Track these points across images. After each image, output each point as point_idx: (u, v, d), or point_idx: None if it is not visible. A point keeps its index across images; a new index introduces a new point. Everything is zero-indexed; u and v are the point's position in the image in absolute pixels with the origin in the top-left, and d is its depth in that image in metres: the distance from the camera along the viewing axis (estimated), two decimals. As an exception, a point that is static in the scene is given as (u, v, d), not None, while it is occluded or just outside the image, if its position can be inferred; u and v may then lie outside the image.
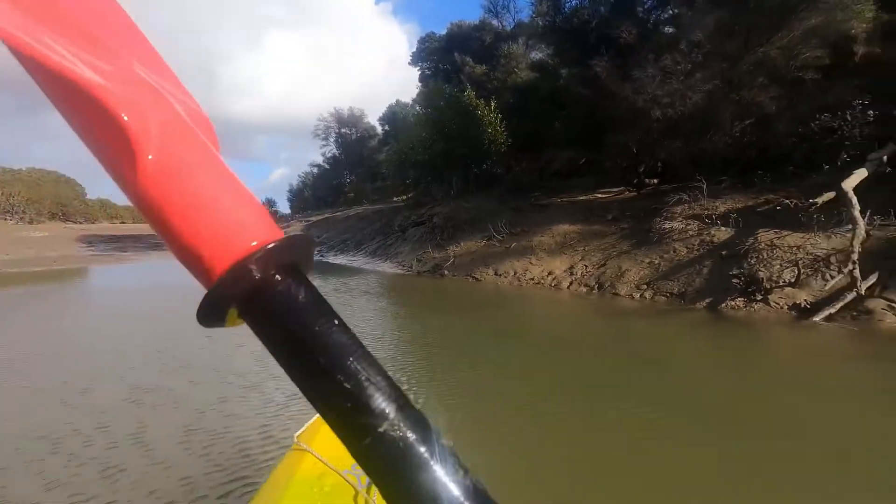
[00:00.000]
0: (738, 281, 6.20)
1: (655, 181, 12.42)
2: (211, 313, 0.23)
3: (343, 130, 44.78)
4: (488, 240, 10.76)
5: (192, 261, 0.23)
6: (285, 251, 0.24)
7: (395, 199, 33.39)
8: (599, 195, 12.67)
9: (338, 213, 25.10)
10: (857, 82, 8.83)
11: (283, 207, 63.95)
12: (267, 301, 0.23)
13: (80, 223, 52.14)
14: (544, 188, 14.59)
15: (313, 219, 27.49)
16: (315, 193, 49.54)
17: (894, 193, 6.28)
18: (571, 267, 8.39)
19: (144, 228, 45.79)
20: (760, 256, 6.42)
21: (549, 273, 8.44)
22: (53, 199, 53.99)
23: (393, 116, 39.83)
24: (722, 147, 9.33)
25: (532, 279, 8.47)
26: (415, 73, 29.86)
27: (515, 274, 8.78)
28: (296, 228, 26.02)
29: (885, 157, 6.80)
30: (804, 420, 2.90)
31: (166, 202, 0.23)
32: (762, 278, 6.07)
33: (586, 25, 10.72)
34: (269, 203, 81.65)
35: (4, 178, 51.31)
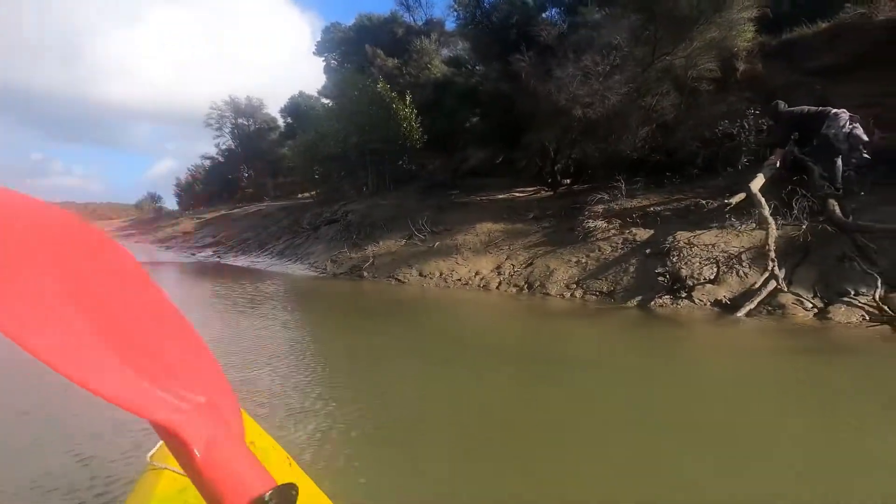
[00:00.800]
0: (663, 279, 6.33)
1: (568, 181, 12.77)
2: None
3: (240, 121, 41.29)
4: (409, 239, 10.22)
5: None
6: (275, 497, 0.42)
7: (299, 195, 31.57)
8: (517, 194, 12.72)
9: (236, 210, 22.93)
10: (748, 94, 9.70)
11: (170, 203, 58.09)
12: None
13: None
14: (459, 187, 14.39)
15: (207, 216, 24.88)
16: (207, 188, 45.34)
17: (790, 195, 6.82)
18: (499, 266, 8.15)
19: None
20: (681, 255, 6.63)
21: (477, 273, 8.13)
22: None
23: (296, 108, 37.63)
24: (633, 149, 9.71)
25: (459, 280, 8.09)
26: (318, 64, 28.28)
27: (441, 275, 8.35)
28: (186, 226, 23.36)
29: (777, 163, 7.39)
30: (737, 414, 2.82)
31: (209, 481, 0.42)
32: (685, 276, 6.25)
33: (507, 21, 10.61)
34: (153, 198, 73.80)
35: None
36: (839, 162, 6.60)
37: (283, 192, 34.79)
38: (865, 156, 6.39)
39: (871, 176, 6.68)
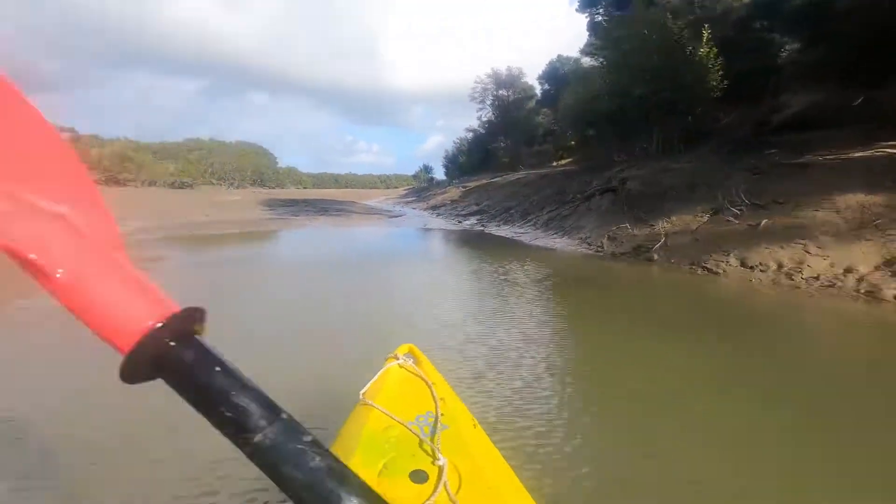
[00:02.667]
0: None
1: None
2: (129, 378, 0.32)
3: (500, 92, 42.74)
4: (714, 214, 7.76)
5: (110, 341, 0.31)
6: (174, 323, 0.32)
7: (554, 163, 30.84)
8: (889, 150, 8.52)
9: (497, 179, 23.33)
10: None
11: (440, 174, 65.84)
12: (167, 363, 0.32)
13: (272, 188, 60.23)
14: (774, 145, 10.65)
15: (471, 185, 26.24)
16: (470, 159, 49.20)
17: None
18: (890, 261, 5.18)
19: (319, 193, 50.40)
20: None
21: (848, 270, 5.33)
22: (254, 168, 63.38)
23: (554, 73, 36.78)
24: None
25: (815, 278, 5.46)
26: (576, 25, 26.29)
27: (781, 268, 5.83)
28: (453, 194, 25.12)
29: None
30: None
31: (80, 303, 0.31)
32: None
33: None
34: (426, 169, 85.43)
35: (218, 148, 61.48)
36: None
37: (537, 160, 34.71)
38: None
39: None
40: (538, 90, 40.22)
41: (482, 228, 14.06)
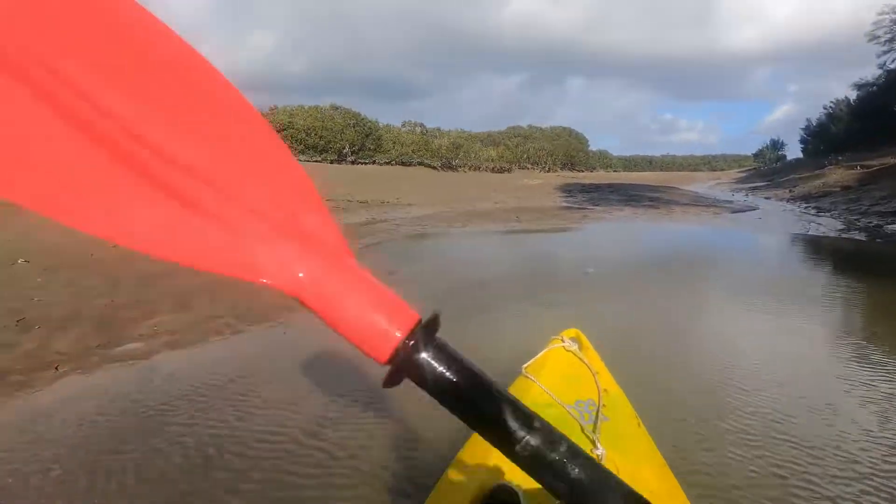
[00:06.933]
0: None
1: None
2: (388, 384, 0.34)
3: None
4: None
5: (368, 354, 0.34)
6: (420, 331, 0.34)
7: None
8: None
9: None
10: None
11: (794, 151, 51.55)
12: (415, 367, 0.34)
13: (581, 171, 58.38)
14: None
15: (875, 164, 16.71)
16: (851, 128, 35.18)
17: None
18: None
19: (629, 177, 45.00)
20: None
21: None
22: (565, 151, 62.93)
23: None
24: None
25: None
26: None
27: None
28: (841, 178, 16.54)
29: None
30: None
31: (332, 317, 0.33)
32: None
33: None
34: (775, 146, 68.88)
35: (534, 134, 63.49)
36: None
37: None
38: None
39: None
40: None
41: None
